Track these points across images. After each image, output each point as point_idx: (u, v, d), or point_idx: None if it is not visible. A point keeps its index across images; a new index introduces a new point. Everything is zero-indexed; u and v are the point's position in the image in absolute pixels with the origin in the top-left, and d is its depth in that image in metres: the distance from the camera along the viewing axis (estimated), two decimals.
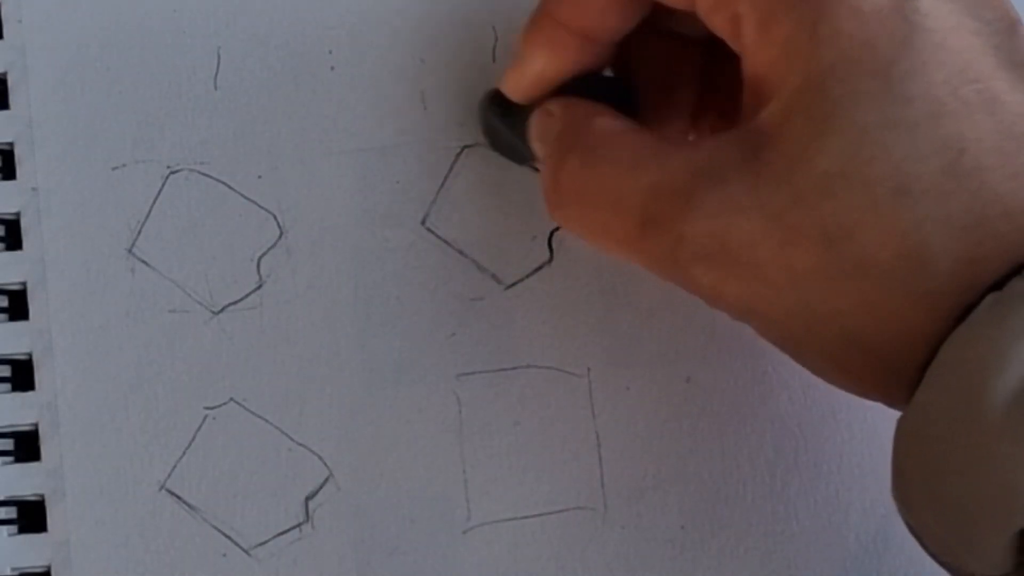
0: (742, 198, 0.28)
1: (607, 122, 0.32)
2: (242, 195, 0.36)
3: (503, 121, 0.35)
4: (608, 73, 0.34)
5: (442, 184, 0.37)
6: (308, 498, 0.35)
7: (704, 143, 0.30)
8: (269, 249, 0.36)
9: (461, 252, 0.36)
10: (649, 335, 0.36)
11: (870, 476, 0.36)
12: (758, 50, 0.29)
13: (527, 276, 0.36)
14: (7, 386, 0.35)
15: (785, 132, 0.28)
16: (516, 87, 0.34)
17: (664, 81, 0.34)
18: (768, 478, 0.36)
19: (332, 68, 0.37)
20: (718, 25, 0.30)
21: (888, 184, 0.27)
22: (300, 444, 0.35)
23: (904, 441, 0.28)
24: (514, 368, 0.36)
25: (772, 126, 0.28)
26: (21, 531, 0.35)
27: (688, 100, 0.34)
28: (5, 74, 0.36)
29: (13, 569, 0.35)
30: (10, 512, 0.35)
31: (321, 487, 0.35)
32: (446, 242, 0.36)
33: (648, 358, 0.36)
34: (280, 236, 0.36)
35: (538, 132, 0.33)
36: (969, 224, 0.27)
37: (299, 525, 0.35)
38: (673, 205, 0.29)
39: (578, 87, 0.33)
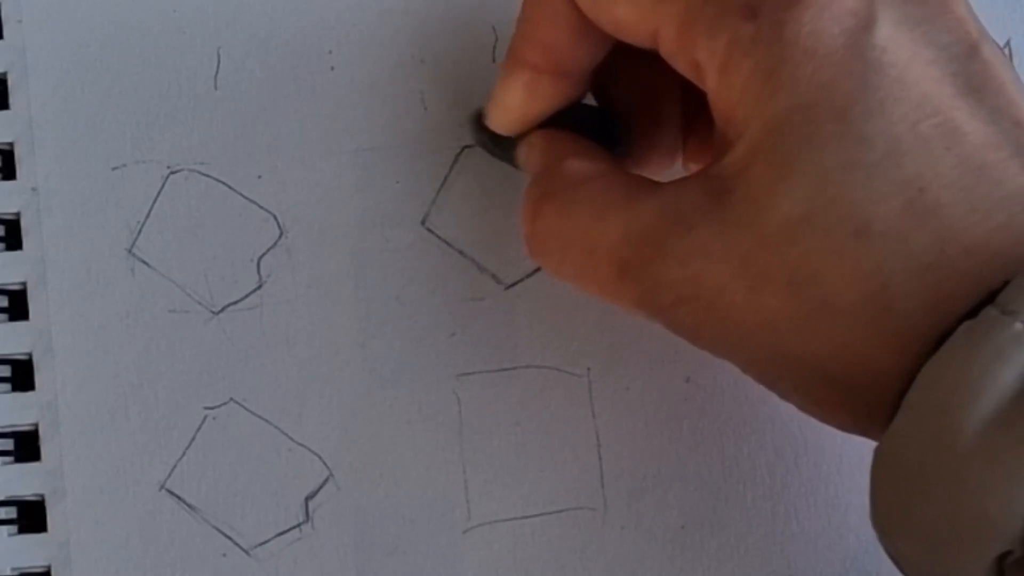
0: (709, 244, 0.28)
1: (579, 165, 0.32)
2: (242, 195, 0.36)
3: (491, 142, 0.35)
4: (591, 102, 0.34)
5: (442, 184, 0.37)
6: (308, 498, 0.35)
7: (671, 187, 0.30)
8: (269, 249, 0.36)
9: (461, 252, 0.36)
10: (649, 335, 0.36)
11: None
12: (720, 95, 0.29)
13: (527, 276, 0.36)
14: (7, 386, 0.36)
15: (747, 177, 0.28)
16: (500, 123, 0.34)
17: (649, 98, 0.34)
18: (768, 478, 0.36)
19: (332, 68, 0.37)
20: (682, 68, 0.30)
21: (849, 227, 0.27)
22: (300, 444, 0.35)
23: (881, 469, 0.28)
24: (514, 368, 0.36)
25: (735, 171, 0.28)
26: (21, 531, 0.35)
27: (675, 117, 0.34)
28: (5, 74, 0.36)
29: (13, 569, 0.35)
30: (10, 512, 0.35)
31: (321, 487, 0.35)
32: (446, 242, 0.36)
33: (648, 358, 0.36)
34: (280, 236, 0.36)
35: (523, 164, 0.34)
36: (929, 263, 0.27)
37: (299, 525, 0.35)
38: (646, 252, 0.29)
39: (563, 116, 0.33)
